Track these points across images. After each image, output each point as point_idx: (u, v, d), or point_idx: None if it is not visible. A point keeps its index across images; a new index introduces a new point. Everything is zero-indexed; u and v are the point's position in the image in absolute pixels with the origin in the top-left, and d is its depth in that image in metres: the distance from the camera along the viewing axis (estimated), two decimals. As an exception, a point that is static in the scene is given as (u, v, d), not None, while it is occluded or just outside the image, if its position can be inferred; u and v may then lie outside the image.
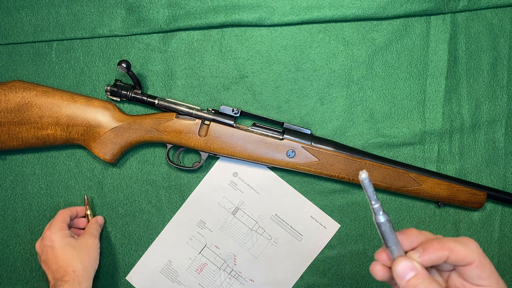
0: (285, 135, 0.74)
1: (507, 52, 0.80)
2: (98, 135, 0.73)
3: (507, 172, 0.81)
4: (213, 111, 0.74)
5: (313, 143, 0.74)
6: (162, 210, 0.80)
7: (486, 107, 0.80)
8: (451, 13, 0.79)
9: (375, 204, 0.42)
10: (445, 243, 0.42)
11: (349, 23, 0.78)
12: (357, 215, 0.80)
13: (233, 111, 0.75)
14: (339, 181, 0.78)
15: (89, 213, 0.77)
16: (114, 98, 0.75)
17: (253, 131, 0.74)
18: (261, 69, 0.79)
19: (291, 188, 0.79)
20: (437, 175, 0.75)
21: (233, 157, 0.74)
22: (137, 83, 0.74)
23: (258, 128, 0.75)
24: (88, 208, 0.77)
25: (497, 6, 0.79)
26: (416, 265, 0.42)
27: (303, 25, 0.78)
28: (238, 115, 0.75)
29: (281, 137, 0.74)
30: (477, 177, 0.81)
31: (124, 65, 0.68)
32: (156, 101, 0.74)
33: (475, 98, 0.80)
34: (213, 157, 0.79)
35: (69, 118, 0.72)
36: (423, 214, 0.81)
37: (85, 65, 0.78)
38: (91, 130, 0.73)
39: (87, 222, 0.77)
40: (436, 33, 0.79)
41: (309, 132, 0.75)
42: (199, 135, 0.74)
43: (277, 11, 0.76)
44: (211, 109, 0.75)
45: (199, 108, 0.74)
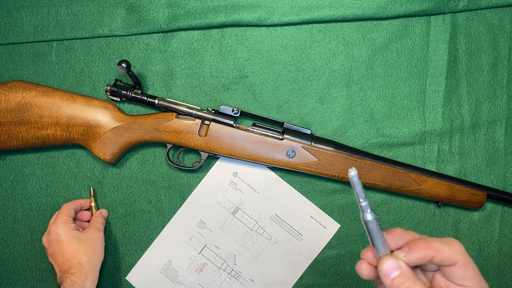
0: (285, 135, 0.74)
1: (507, 52, 0.80)
2: (98, 135, 0.73)
3: (507, 172, 0.81)
4: (213, 111, 0.74)
5: (313, 143, 0.74)
6: (162, 210, 0.80)
7: (486, 107, 0.80)
8: (451, 13, 0.79)
9: (363, 202, 0.42)
10: (430, 243, 0.43)
11: (349, 23, 0.78)
12: (357, 215, 0.80)
13: (233, 111, 0.75)
14: (339, 181, 0.78)
15: (93, 205, 0.78)
16: (114, 98, 0.75)
17: (253, 131, 0.74)
18: (261, 69, 0.79)
19: (291, 188, 0.79)
20: (437, 175, 0.75)
21: (233, 157, 0.74)
22: (137, 83, 0.73)
23: (258, 128, 0.74)
24: (93, 200, 0.78)
25: (497, 6, 0.79)
26: (402, 264, 0.42)
27: (303, 25, 0.78)
28: (238, 115, 0.75)
29: (281, 137, 0.74)
30: (477, 177, 0.81)
31: (124, 65, 0.68)
32: (156, 101, 0.74)
33: (475, 98, 0.80)
34: (213, 157, 0.79)
35: (69, 118, 0.72)
36: (423, 214, 0.81)
37: (85, 65, 0.78)
38: (91, 130, 0.73)
39: (91, 214, 0.78)
40: (436, 33, 0.79)
41: (309, 132, 0.75)
42: (199, 135, 0.74)
43: (277, 11, 0.76)
44: (211, 109, 0.75)
45: (199, 108, 0.74)
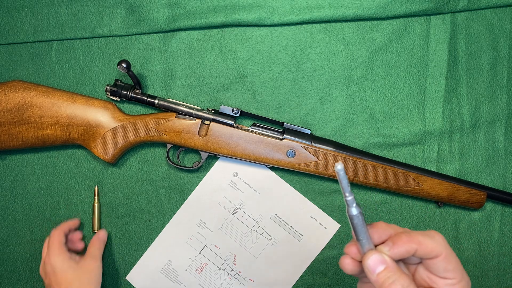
0: (285, 135, 0.74)
1: (507, 52, 0.80)
2: (98, 135, 0.73)
3: (507, 172, 0.81)
4: (213, 111, 0.74)
5: (313, 143, 0.74)
6: (162, 210, 0.80)
7: (486, 107, 0.80)
8: (451, 13, 0.79)
9: (349, 197, 0.41)
10: (413, 236, 0.43)
11: (349, 23, 0.78)
12: (357, 215, 0.80)
13: (233, 111, 0.75)
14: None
15: (96, 205, 0.78)
16: (114, 98, 0.75)
17: (253, 131, 0.74)
18: (261, 69, 0.79)
19: (291, 188, 0.79)
20: (437, 175, 0.75)
21: (233, 157, 0.74)
22: (137, 83, 0.73)
23: (258, 128, 0.74)
24: (96, 200, 0.78)
25: (497, 6, 0.79)
26: (386, 258, 0.42)
27: (303, 25, 0.78)
28: (238, 115, 0.75)
29: (281, 137, 0.74)
30: (477, 177, 0.81)
31: (124, 65, 0.68)
32: (156, 101, 0.74)
33: (475, 98, 0.80)
34: (213, 157, 0.79)
35: (69, 118, 0.72)
36: (423, 214, 0.81)
37: (85, 65, 0.78)
38: (91, 130, 0.73)
39: (93, 214, 0.78)
40: (436, 33, 0.79)
41: (309, 132, 0.75)
42: (199, 135, 0.74)
43: (277, 11, 0.76)
44: (211, 109, 0.75)
45: (199, 108, 0.74)
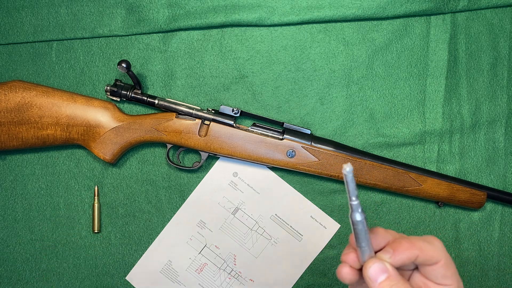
0: (285, 135, 0.74)
1: (507, 52, 0.80)
2: (98, 135, 0.73)
3: (507, 172, 0.81)
4: (213, 111, 0.74)
5: (313, 143, 0.74)
6: (162, 210, 0.80)
7: (486, 107, 0.80)
8: (451, 13, 0.79)
9: (355, 201, 0.39)
10: (414, 242, 0.41)
11: (349, 23, 0.78)
12: (357, 215, 0.80)
13: (233, 111, 0.75)
14: (339, 181, 0.78)
15: (96, 205, 0.78)
16: (114, 98, 0.75)
17: (253, 131, 0.74)
18: (261, 69, 0.79)
19: (291, 188, 0.79)
20: (437, 175, 0.75)
21: (233, 157, 0.74)
22: (137, 83, 0.74)
23: (258, 128, 0.74)
24: (96, 200, 0.78)
25: (497, 6, 0.79)
26: (388, 266, 0.40)
27: (303, 25, 0.78)
28: (238, 115, 0.75)
29: (281, 137, 0.74)
30: (477, 177, 0.81)
31: (124, 65, 0.68)
32: (156, 101, 0.74)
33: (475, 98, 0.80)
34: (213, 157, 0.79)
35: (69, 118, 0.72)
36: (423, 214, 0.80)
37: (85, 65, 0.78)
38: (91, 130, 0.73)
39: (93, 214, 0.78)
40: (436, 33, 0.79)
41: (309, 132, 0.75)
42: (199, 135, 0.74)
43: (277, 11, 0.76)
44: (211, 109, 0.75)
45: (199, 108, 0.74)
